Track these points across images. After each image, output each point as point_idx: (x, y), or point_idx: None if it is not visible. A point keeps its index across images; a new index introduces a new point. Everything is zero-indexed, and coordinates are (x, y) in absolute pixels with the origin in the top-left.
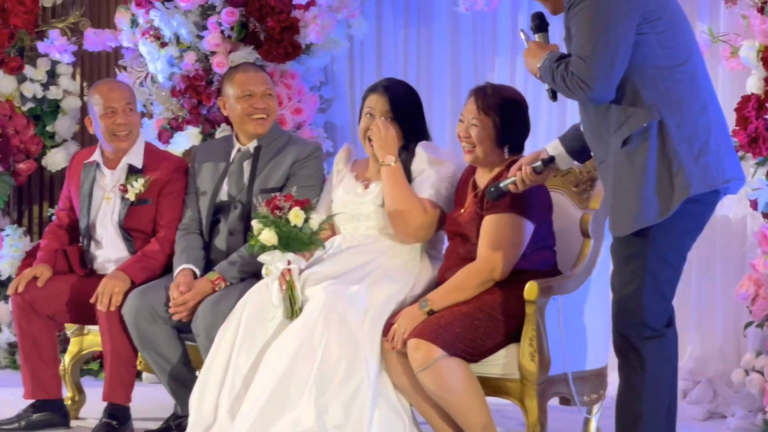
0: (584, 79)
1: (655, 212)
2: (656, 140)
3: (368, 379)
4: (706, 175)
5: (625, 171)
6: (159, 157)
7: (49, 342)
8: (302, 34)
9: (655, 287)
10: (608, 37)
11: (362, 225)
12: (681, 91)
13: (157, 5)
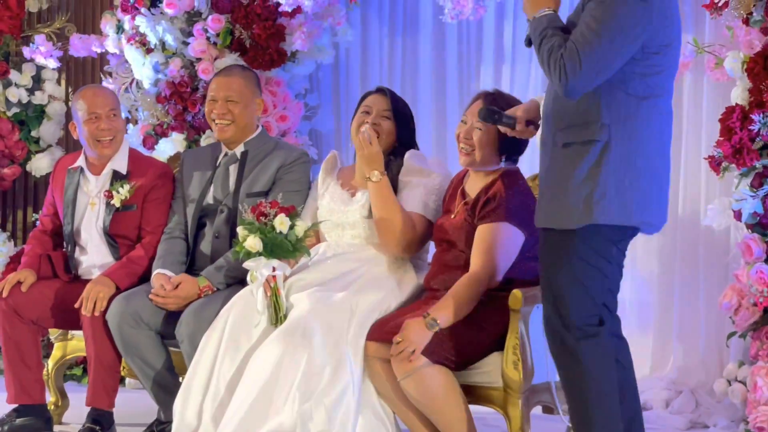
0: (568, 70)
1: (562, 220)
2: (593, 158)
3: (352, 385)
4: (624, 211)
5: (557, 167)
6: (144, 162)
7: (32, 347)
8: (288, 42)
9: (582, 290)
10: (609, 49)
11: (347, 233)
12: (640, 123)
13: (143, 11)
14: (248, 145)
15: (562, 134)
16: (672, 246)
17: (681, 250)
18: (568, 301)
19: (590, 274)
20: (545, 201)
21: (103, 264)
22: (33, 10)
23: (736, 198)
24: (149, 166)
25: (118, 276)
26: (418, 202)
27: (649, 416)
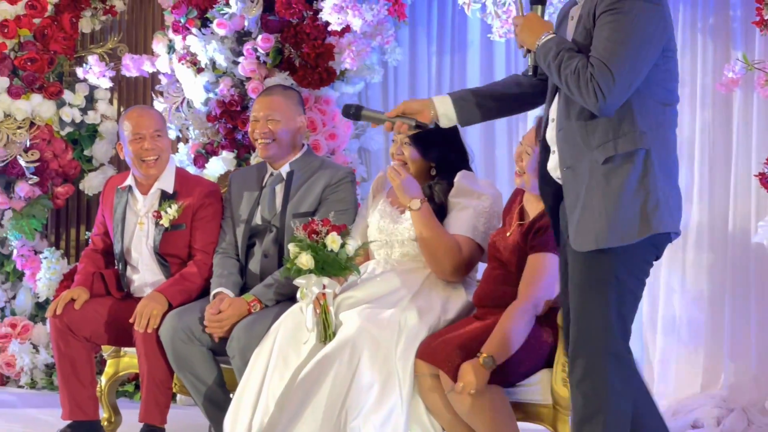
0: (603, 88)
1: (619, 236)
2: (640, 167)
3: (401, 402)
4: (673, 216)
5: (599, 188)
6: (191, 182)
7: (86, 363)
8: (337, 61)
9: (619, 315)
10: (637, 58)
11: (397, 251)
12: (667, 129)
13: (194, 31)
14: (294, 165)
15: (598, 152)
16: (723, 263)
17: (731, 267)
18: (611, 327)
19: (625, 299)
20: (597, 221)
21: (154, 282)
22: (86, 31)
23: None
24: (196, 185)
25: (170, 293)
26: (467, 225)
27: None
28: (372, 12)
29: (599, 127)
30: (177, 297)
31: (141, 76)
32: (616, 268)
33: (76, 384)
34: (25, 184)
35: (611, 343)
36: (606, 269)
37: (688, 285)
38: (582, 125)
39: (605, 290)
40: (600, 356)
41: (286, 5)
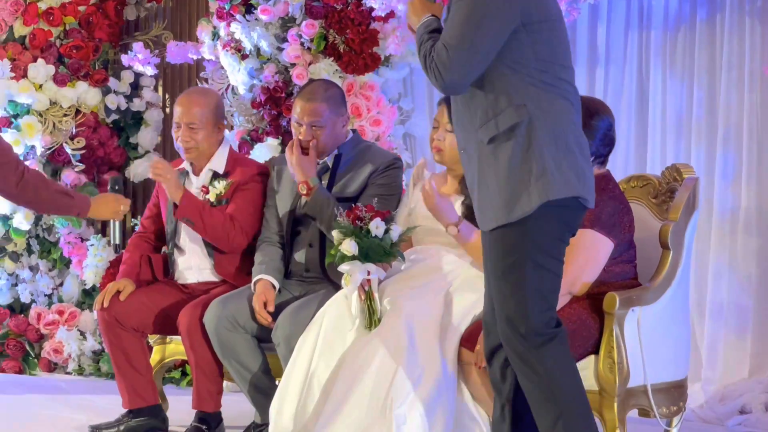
0: (440, 68)
1: (514, 210)
2: (523, 139)
3: (446, 389)
4: (570, 182)
5: (489, 166)
6: (242, 163)
7: (139, 351)
8: (381, 46)
9: (539, 296)
10: (477, 33)
11: (440, 238)
12: (553, 98)
13: (239, 18)
14: (342, 148)
15: (481, 132)
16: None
17: None
18: (529, 307)
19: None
20: (492, 199)
21: (199, 265)
22: (131, 19)
23: None
24: (247, 166)
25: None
26: None
27: (749, 419)
28: None
29: (479, 108)
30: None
31: (186, 63)
32: (524, 244)
33: (132, 373)
34: (71, 171)
35: (535, 324)
36: (514, 246)
37: (736, 270)
38: (465, 107)
39: (518, 269)
40: (526, 338)
41: None
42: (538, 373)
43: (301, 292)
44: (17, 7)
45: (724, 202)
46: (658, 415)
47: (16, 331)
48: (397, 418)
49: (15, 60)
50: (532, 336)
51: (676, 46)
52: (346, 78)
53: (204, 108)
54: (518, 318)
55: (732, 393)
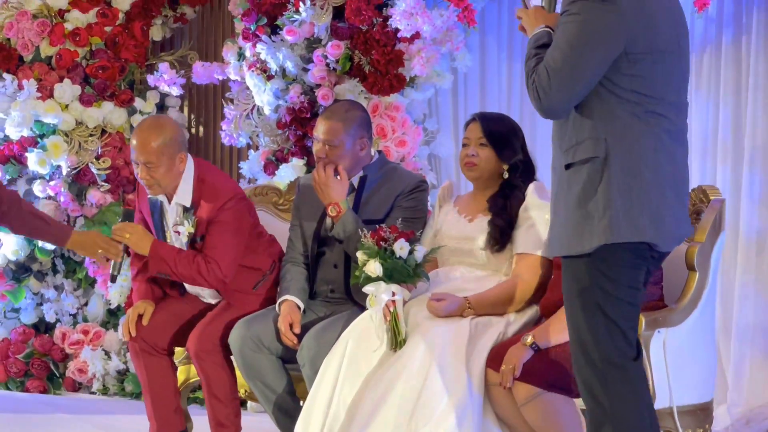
0: (540, 92)
1: (576, 244)
2: (596, 174)
3: (471, 409)
4: (637, 226)
5: (562, 193)
6: (208, 193)
7: (169, 378)
8: (407, 67)
9: (607, 319)
10: (580, 62)
11: (465, 259)
12: (639, 132)
13: (264, 38)
14: (367, 169)
15: (564, 156)
16: None
17: None
18: (599, 336)
19: (613, 303)
20: (559, 227)
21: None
22: (157, 39)
23: None
24: (212, 200)
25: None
26: (537, 242)
27: None
28: (441, 18)
29: (568, 131)
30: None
31: (211, 84)
32: (595, 273)
33: (161, 400)
34: (96, 191)
35: (605, 350)
36: (585, 274)
37: (762, 291)
38: (559, 126)
39: (589, 295)
40: (595, 365)
41: (356, 12)
42: (600, 403)
43: (326, 313)
44: (44, 28)
45: (750, 223)
46: None
47: (40, 351)
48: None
49: (41, 80)
50: (601, 363)
51: (702, 68)
52: (371, 99)
53: (160, 144)
54: (588, 344)
55: (758, 416)
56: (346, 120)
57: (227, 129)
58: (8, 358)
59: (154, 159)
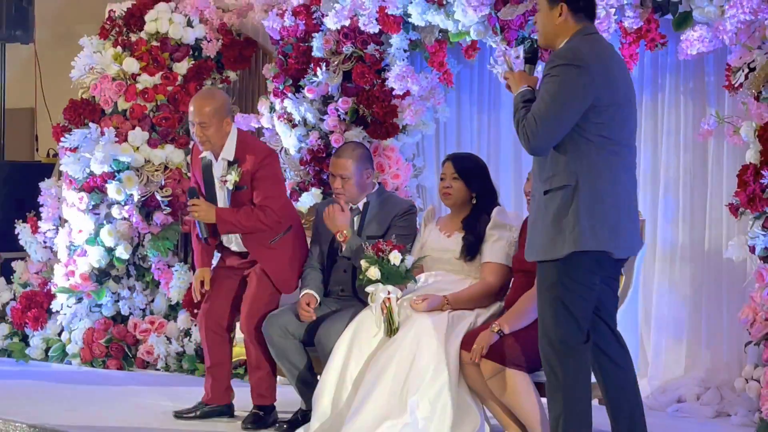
0: (530, 134)
1: (550, 252)
2: (568, 198)
3: (449, 382)
4: (597, 238)
5: (540, 212)
6: (249, 148)
7: (227, 359)
8: (400, 118)
9: (568, 311)
10: (560, 112)
11: (444, 266)
12: (602, 168)
13: (290, 95)
14: (369, 197)
15: (543, 185)
16: (701, 274)
17: (708, 277)
18: (561, 323)
19: (571, 298)
20: (537, 239)
21: (235, 235)
22: None
23: (750, 236)
24: (252, 152)
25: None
26: (502, 254)
27: (683, 407)
28: (426, 80)
29: (546, 165)
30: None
31: (249, 130)
32: (561, 275)
33: (218, 379)
34: (160, 213)
35: (562, 334)
36: (553, 275)
37: (674, 291)
38: (538, 163)
39: (554, 291)
40: (553, 345)
41: (361, 75)
42: (557, 376)
43: (337, 308)
44: (120, 88)
45: (665, 238)
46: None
47: (117, 337)
48: (411, 404)
49: (118, 128)
50: (559, 344)
51: None
52: (372, 142)
53: (211, 108)
54: (550, 329)
55: (671, 387)
56: (353, 157)
57: None
58: (93, 343)
59: (206, 120)
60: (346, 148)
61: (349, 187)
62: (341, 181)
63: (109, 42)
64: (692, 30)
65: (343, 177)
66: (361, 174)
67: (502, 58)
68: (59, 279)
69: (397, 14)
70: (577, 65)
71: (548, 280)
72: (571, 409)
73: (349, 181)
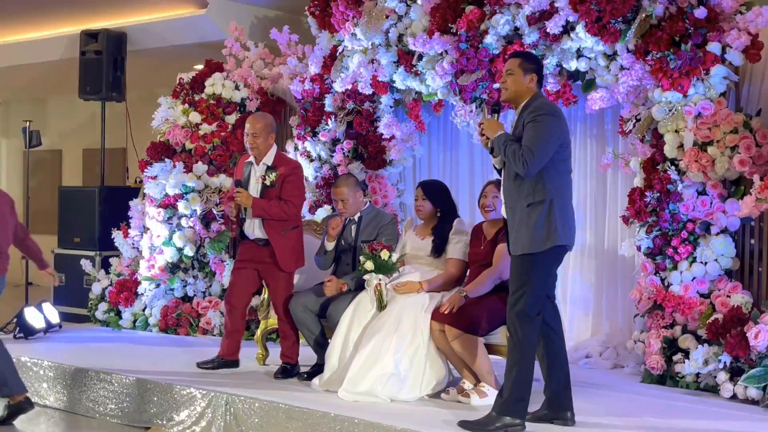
0: (527, 163)
1: (534, 246)
2: (546, 209)
3: (423, 344)
4: (566, 236)
5: (524, 220)
6: (284, 161)
7: (242, 329)
8: (387, 155)
9: (534, 293)
10: (547, 145)
11: (419, 261)
12: (563, 187)
13: (309, 139)
14: (363, 212)
15: (524, 200)
16: (602, 266)
17: (607, 268)
18: (528, 299)
19: (544, 281)
20: (521, 237)
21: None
22: None
23: (638, 239)
24: (288, 164)
25: (257, 202)
26: (461, 253)
27: (590, 361)
28: (407, 127)
29: (524, 186)
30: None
31: None
32: (535, 265)
33: (233, 340)
34: (216, 224)
35: (526, 306)
36: (529, 265)
37: (583, 277)
38: (516, 184)
39: (528, 278)
40: (519, 315)
41: (359, 124)
42: (517, 336)
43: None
44: (187, 133)
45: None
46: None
47: (185, 312)
48: (395, 360)
49: (185, 162)
50: (522, 313)
51: None
52: (368, 172)
53: (262, 125)
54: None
55: (581, 346)
56: (347, 185)
57: None
58: (167, 316)
59: (258, 132)
60: (341, 179)
61: (347, 206)
62: (341, 203)
63: (180, 101)
64: (595, 92)
65: (342, 200)
66: (355, 195)
67: (467, 111)
68: (143, 270)
69: (385, 81)
70: (557, 115)
71: (526, 266)
72: (525, 362)
73: (346, 202)
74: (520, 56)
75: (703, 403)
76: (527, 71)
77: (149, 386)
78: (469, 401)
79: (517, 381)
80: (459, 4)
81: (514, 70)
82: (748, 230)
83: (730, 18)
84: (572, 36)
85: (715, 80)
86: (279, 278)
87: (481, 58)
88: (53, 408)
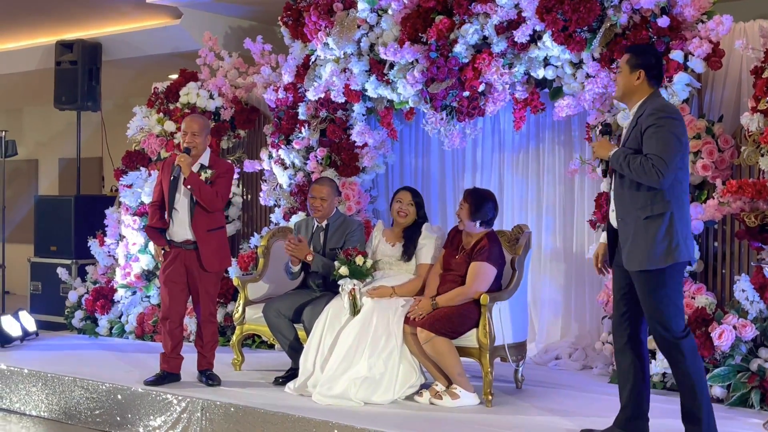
0: (661, 172)
1: (656, 263)
2: (667, 222)
3: (396, 348)
4: (687, 251)
5: (641, 232)
6: (218, 163)
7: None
8: (360, 162)
9: (675, 306)
10: (677, 152)
11: (393, 267)
12: (684, 198)
13: (283, 147)
14: (330, 219)
15: (640, 212)
16: (570, 269)
17: (575, 271)
18: (669, 325)
19: (675, 297)
20: (637, 251)
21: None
22: (225, 147)
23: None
24: (221, 166)
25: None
26: (430, 256)
27: (560, 363)
28: (379, 135)
29: (641, 196)
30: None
31: (254, 171)
32: (664, 280)
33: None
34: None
35: (675, 333)
36: (657, 281)
37: (552, 282)
38: (631, 195)
39: (660, 294)
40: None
41: (332, 132)
42: (685, 363)
43: (316, 296)
44: (162, 142)
45: (546, 244)
46: (511, 360)
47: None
48: (369, 363)
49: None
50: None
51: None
52: (341, 179)
53: (202, 125)
54: (663, 320)
55: (551, 348)
56: (330, 185)
57: (263, 196)
58: (143, 323)
59: (198, 131)
60: (324, 179)
61: (324, 206)
62: (320, 201)
63: (154, 110)
64: (563, 99)
65: (322, 198)
66: (332, 199)
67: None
68: (119, 278)
69: (358, 89)
70: (679, 118)
71: (654, 283)
72: (704, 386)
73: (325, 201)
74: (629, 51)
75: (669, 402)
76: (634, 67)
77: (126, 393)
78: (441, 403)
79: (706, 411)
80: (429, 14)
81: (622, 66)
82: (711, 233)
83: (692, 27)
84: (539, 45)
85: (678, 87)
86: (206, 280)
87: (451, 66)
88: (30, 416)
